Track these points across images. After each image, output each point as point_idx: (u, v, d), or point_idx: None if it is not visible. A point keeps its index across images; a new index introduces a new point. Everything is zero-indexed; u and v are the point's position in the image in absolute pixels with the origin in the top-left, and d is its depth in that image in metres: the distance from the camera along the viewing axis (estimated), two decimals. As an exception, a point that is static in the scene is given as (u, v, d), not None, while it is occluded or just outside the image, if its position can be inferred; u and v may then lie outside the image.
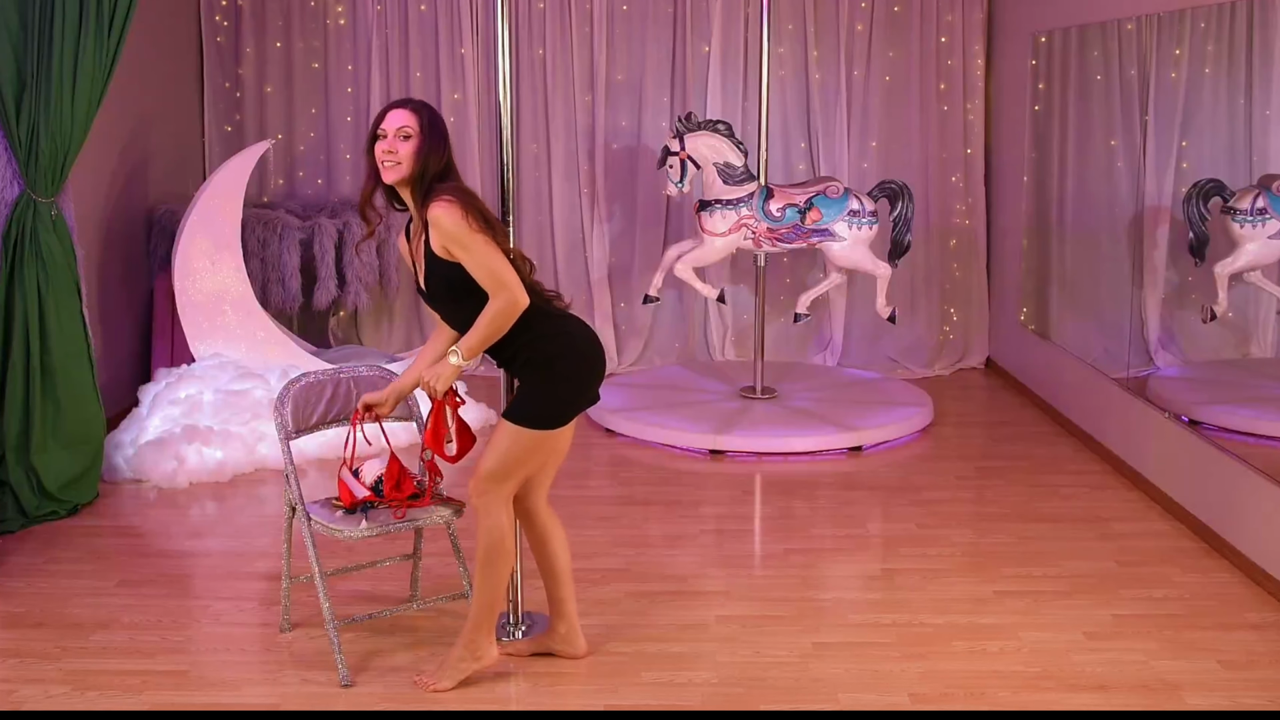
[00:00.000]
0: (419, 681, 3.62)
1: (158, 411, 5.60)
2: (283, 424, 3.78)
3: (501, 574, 3.56)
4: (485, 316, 3.36)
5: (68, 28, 4.73)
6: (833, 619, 4.10)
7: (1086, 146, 6.17)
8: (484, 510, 3.51)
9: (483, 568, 3.54)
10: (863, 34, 7.41)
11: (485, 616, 3.59)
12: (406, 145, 3.36)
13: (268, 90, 7.36)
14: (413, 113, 3.39)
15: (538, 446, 3.50)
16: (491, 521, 3.51)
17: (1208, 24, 5.11)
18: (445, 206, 3.32)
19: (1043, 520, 5.01)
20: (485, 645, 3.62)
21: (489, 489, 3.50)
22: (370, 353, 6.80)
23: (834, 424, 6.05)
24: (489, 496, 3.50)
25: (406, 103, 3.44)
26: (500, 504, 3.52)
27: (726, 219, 6.23)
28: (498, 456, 3.49)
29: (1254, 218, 4.92)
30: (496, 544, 3.52)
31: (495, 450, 3.49)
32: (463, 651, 3.62)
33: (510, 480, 3.52)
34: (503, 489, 3.51)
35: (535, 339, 3.45)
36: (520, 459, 3.50)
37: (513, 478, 3.53)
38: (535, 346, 3.45)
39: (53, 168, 4.84)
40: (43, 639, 3.91)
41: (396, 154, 3.36)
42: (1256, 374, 5.20)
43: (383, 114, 3.42)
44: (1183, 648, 3.87)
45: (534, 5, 7.30)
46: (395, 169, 3.37)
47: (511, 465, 3.50)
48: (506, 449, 3.48)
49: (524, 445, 3.48)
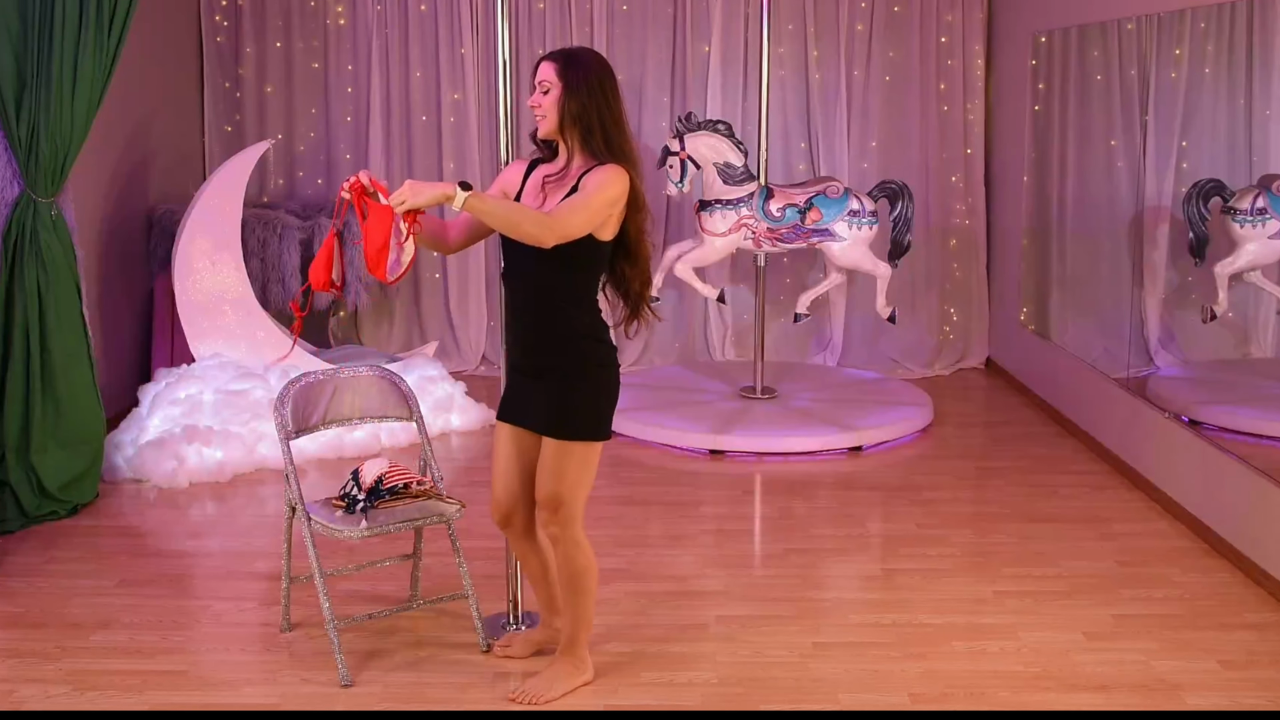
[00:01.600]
0: (515, 698, 3.51)
1: (158, 411, 5.60)
2: (283, 424, 3.78)
3: (593, 589, 3.48)
4: (523, 210, 3.14)
5: (68, 28, 4.73)
6: (833, 619, 4.10)
7: (1086, 146, 6.17)
8: (570, 542, 3.38)
9: (577, 595, 3.46)
10: (863, 34, 7.41)
11: (584, 631, 3.55)
12: (547, 98, 3.26)
13: (268, 90, 7.36)
14: (550, 63, 3.28)
15: (598, 458, 3.38)
16: (579, 550, 3.40)
17: (1208, 24, 5.11)
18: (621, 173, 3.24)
19: (1043, 520, 5.01)
20: (587, 657, 3.60)
21: (568, 514, 3.36)
22: (370, 353, 6.80)
23: (834, 424, 6.05)
24: (572, 527, 3.38)
25: (551, 54, 3.32)
26: (581, 529, 3.41)
27: (726, 219, 6.23)
28: (572, 483, 3.33)
29: (1254, 218, 4.92)
30: (587, 569, 3.44)
31: (566, 477, 3.32)
32: (570, 667, 3.57)
33: (584, 501, 3.41)
34: (581, 514, 3.40)
35: (595, 344, 3.34)
36: (591, 476, 3.38)
37: (586, 498, 3.41)
38: (594, 351, 3.33)
39: (53, 168, 4.84)
40: (43, 639, 3.91)
41: (540, 108, 3.28)
42: (1256, 374, 5.20)
43: (536, 66, 3.33)
44: (1183, 648, 3.87)
45: (534, 5, 7.30)
46: (543, 122, 3.29)
47: (587, 485, 3.38)
48: (579, 470, 3.33)
49: (593, 461, 3.36)
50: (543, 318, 3.33)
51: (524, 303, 3.37)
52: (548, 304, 3.32)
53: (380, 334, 7.54)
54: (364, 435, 5.79)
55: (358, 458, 5.50)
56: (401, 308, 7.51)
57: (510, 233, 3.14)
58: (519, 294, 3.38)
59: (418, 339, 7.47)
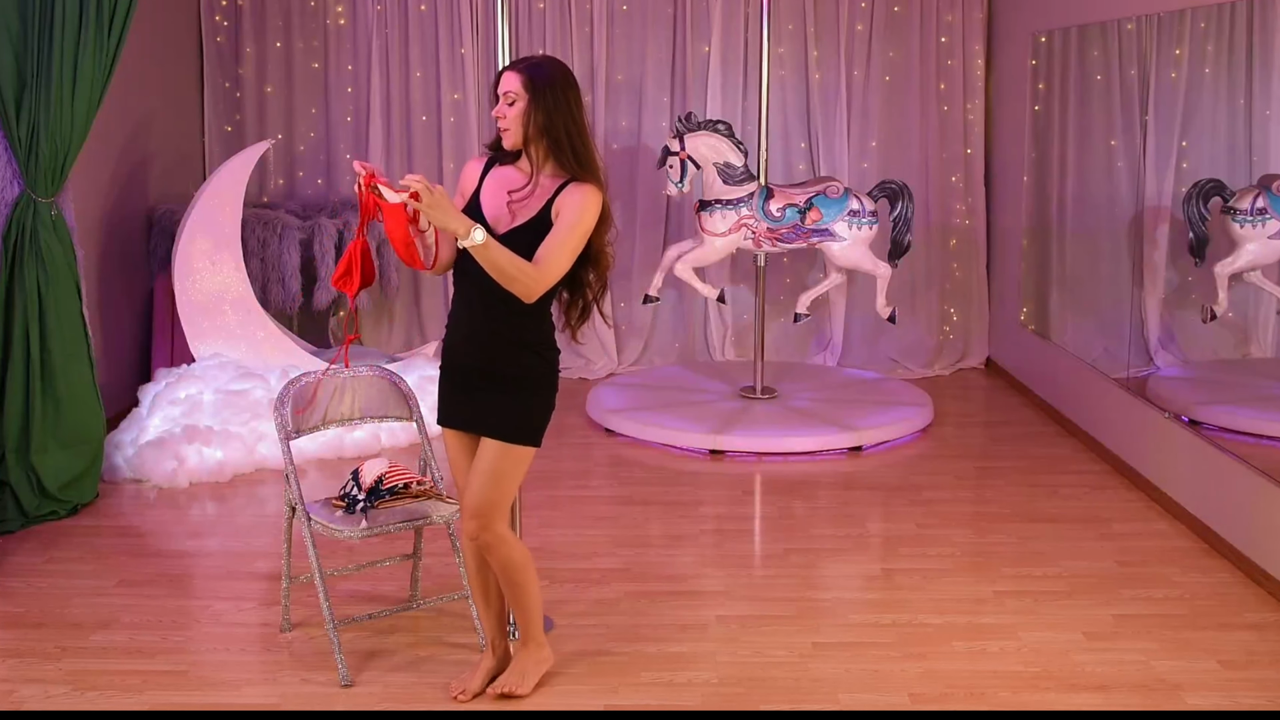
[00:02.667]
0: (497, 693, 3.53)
1: (158, 411, 5.60)
2: (283, 424, 3.78)
3: (534, 576, 3.48)
4: (519, 263, 3.15)
5: (68, 28, 4.73)
6: (833, 619, 4.10)
7: (1086, 146, 6.17)
8: (498, 542, 3.37)
9: (521, 588, 3.45)
10: (863, 34, 7.41)
11: (536, 620, 3.55)
12: (512, 110, 3.23)
13: (268, 90, 7.36)
14: (516, 74, 3.24)
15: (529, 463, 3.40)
16: (508, 550, 3.40)
17: (1208, 24, 5.11)
18: (596, 193, 3.23)
19: (1043, 520, 5.01)
20: (545, 642, 3.61)
21: (499, 520, 3.36)
22: (370, 353, 6.80)
23: (834, 424, 6.05)
24: (501, 528, 3.37)
25: (516, 64, 3.27)
26: (508, 528, 3.41)
27: (726, 219, 6.23)
28: (502, 485, 3.33)
29: (1254, 218, 4.92)
30: (524, 561, 3.44)
31: (496, 478, 3.32)
32: (535, 658, 3.58)
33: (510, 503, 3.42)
34: (507, 515, 3.40)
35: (545, 350, 3.34)
36: (519, 481, 3.40)
37: (511, 501, 3.43)
38: (544, 359, 3.34)
39: (53, 168, 4.84)
40: (43, 639, 3.91)
41: (505, 119, 3.24)
42: (1256, 374, 5.20)
43: (498, 77, 3.29)
44: (1183, 648, 3.87)
45: (534, 5, 7.30)
46: (508, 134, 3.26)
47: (514, 489, 3.40)
48: (510, 472, 3.34)
49: (525, 465, 3.38)
50: (495, 321, 3.28)
51: (476, 303, 3.31)
52: (500, 308, 3.26)
53: (380, 334, 7.54)
54: (364, 435, 5.79)
55: (358, 458, 5.50)
56: (401, 308, 7.51)
57: (501, 281, 3.15)
58: (471, 294, 3.32)
59: (418, 339, 7.47)
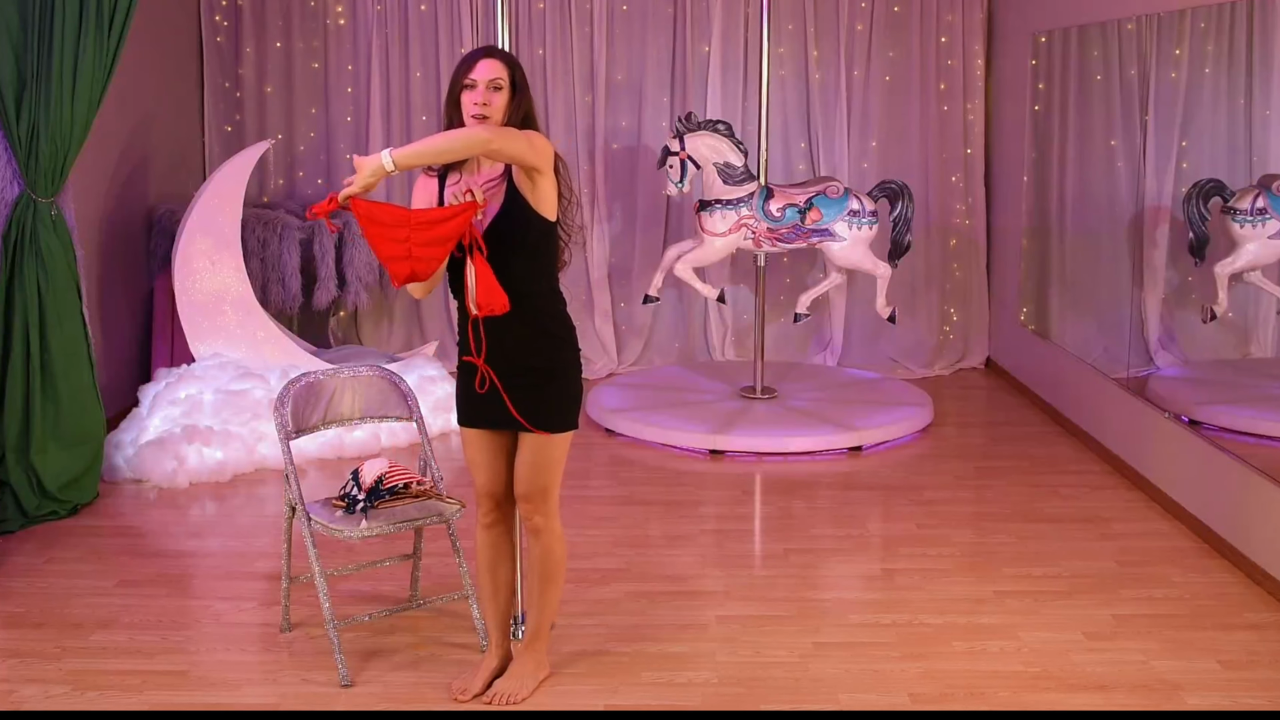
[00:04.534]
0: (490, 701, 3.52)
1: (158, 411, 5.60)
2: (283, 424, 3.78)
3: (563, 581, 3.58)
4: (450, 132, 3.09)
5: (68, 28, 4.73)
6: (833, 619, 4.10)
7: (1086, 146, 6.17)
8: (552, 533, 3.47)
9: (553, 584, 3.52)
10: (863, 34, 7.41)
11: (550, 621, 3.61)
12: (499, 96, 3.20)
13: (268, 90, 7.35)
14: (504, 65, 3.22)
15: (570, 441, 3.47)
16: (559, 541, 3.50)
17: (1208, 24, 5.11)
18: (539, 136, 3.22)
19: (1043, 520, 5.01)
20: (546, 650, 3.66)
21: (552, 501, 3.45)
22: (370, 353, 6.80)
23: (834, 424, 6.05)
24: (556, 519, 3.48)
25: (494, 52, 3.25)
26: (559, 520, 3.50)
27: (726, 219, 6.23)
28: (550, 470, 3.40)
29: (1254, 218, 4.92)
30: (563, 559, 3.53)
31: (543, 467, 3.39)
32: (535, 662, 3.60)
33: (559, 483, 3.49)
34: (558, 504, 3.49)
35: (563, 330, 3.35)
36: (564, 461, 3.45)
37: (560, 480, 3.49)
38: (564, 340, 3.36)
39: (53, 168, 4.84)
40: (43, 639, 3.92)
41: (490, 106, 3.18)
42: (1256, 374, 5.20)
43: (471, 62, 3.22)
44: (1183, 648, 3.87)
45: (534, 5, 7.30)
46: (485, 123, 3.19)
47: (561, 470, 3.46)
48: (556, 457, 3.40)
49: (567, 447, 3.44)
50: (515, 313, 3.25)
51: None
52: (516, 297, 3.23)
53: (380, 334, 7.54)
54: (364, 435, 5.79)
55: (358, 458, 5.50)
56: (401, 308, 7.51)
57: (453, 156, 3.10)
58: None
59: (418, 339, 7.47)
